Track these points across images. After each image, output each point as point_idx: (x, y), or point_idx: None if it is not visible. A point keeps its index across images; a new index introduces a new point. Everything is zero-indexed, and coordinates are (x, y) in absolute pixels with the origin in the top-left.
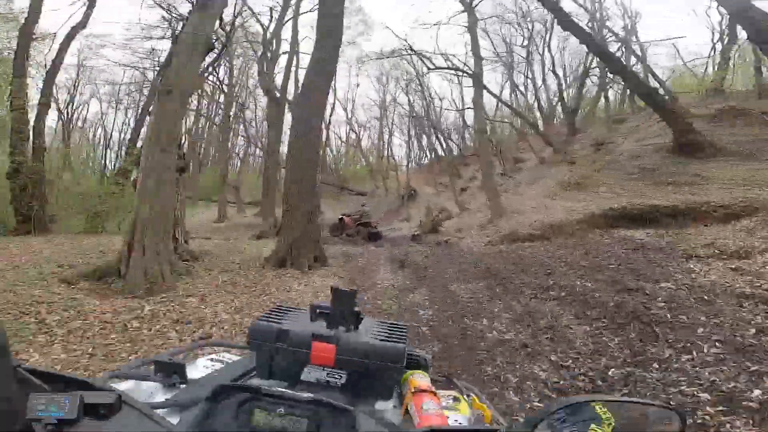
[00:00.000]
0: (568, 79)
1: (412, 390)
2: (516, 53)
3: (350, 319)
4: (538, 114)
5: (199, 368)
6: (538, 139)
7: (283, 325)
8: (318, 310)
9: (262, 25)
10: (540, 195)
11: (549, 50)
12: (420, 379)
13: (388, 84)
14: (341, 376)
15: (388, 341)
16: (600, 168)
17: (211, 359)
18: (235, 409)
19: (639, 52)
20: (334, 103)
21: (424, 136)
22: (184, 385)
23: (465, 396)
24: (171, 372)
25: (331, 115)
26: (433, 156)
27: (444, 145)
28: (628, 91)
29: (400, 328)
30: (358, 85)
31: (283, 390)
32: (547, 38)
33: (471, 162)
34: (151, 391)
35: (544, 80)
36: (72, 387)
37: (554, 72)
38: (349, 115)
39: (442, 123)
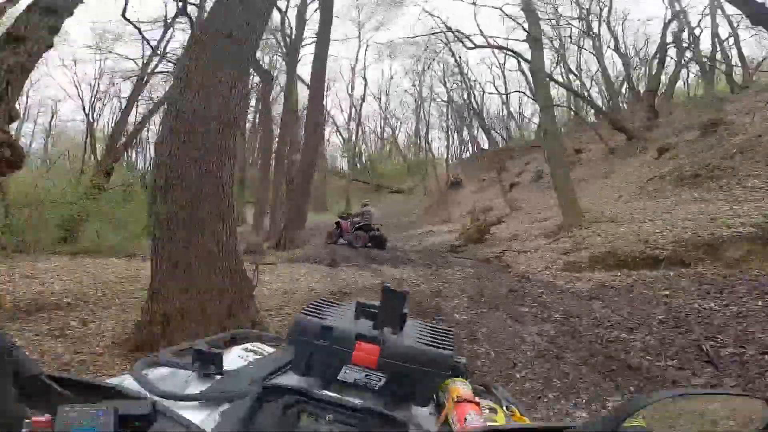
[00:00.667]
0: (633, 60)
1: (455, 398)
2: (573, 26)
3: (397, 320)
4: (599, 98)
5: (233, 358)
6: (601, 127)
7: (327, 321)
8: (363, 309)
9: (279, 9)
10: (626, 194)
11: (609, 28)
12: (462, 387)
13: (424, 73)
14: (380, 379)
15: (435, 347)
16: (732, 154)
17: (246, 349)
18: (281, 411)
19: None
20: (364, 95)
21: (464, 128)
22: (218, 376)
23: (504, 407)
24: (209, 362)
25: (360, 108)
26: (475, 149)
27: (487, 135)
28: (725, 66)
29: (446, 333)
30: (392, 77)
31: (334, 395)
32: (605, 14)
33: (516, 155)
34: (185, 380)
35: (601, 62)
36: (100, 395)
37: (617, 51)
38: (384, 108)
39: (485, 111)
